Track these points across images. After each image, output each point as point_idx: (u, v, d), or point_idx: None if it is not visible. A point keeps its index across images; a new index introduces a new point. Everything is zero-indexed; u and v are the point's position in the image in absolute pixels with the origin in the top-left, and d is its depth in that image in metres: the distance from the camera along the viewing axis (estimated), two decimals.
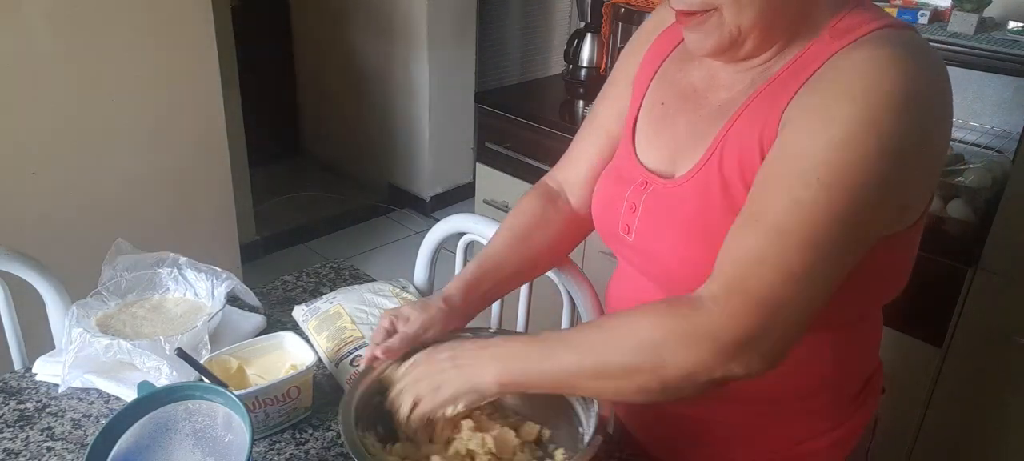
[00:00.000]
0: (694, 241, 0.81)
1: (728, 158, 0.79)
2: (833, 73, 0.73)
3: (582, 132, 1.04)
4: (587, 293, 1.19)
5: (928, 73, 0.71)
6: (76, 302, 1.05)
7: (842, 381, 0.91)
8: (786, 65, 0.78)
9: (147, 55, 2.07)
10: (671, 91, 0.90)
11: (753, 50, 0.79)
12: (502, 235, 1.03)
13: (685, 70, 0.90)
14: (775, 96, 0.77)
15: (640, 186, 0.88)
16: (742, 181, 0.78)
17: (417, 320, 0.93)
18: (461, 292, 0.97)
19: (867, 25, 0.75)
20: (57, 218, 2.00)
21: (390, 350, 0.91)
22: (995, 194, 1.58)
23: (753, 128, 0.77)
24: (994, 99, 1.88)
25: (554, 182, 1.08)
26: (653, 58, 0.95)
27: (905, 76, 0.69)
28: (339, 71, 3.79)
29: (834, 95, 0.71)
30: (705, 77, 0.87)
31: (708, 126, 0.83)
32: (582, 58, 2.50)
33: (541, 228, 1.03)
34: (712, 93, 0.85)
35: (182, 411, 0.83)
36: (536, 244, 1.03)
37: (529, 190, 1.08)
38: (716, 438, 0.93)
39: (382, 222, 3.70)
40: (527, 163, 2.24)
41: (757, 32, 0.76)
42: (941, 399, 1.66)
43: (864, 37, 0.74)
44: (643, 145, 0.92)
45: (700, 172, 0.82)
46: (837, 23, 0.76)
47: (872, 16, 0.76)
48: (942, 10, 1.85)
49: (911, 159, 0.71)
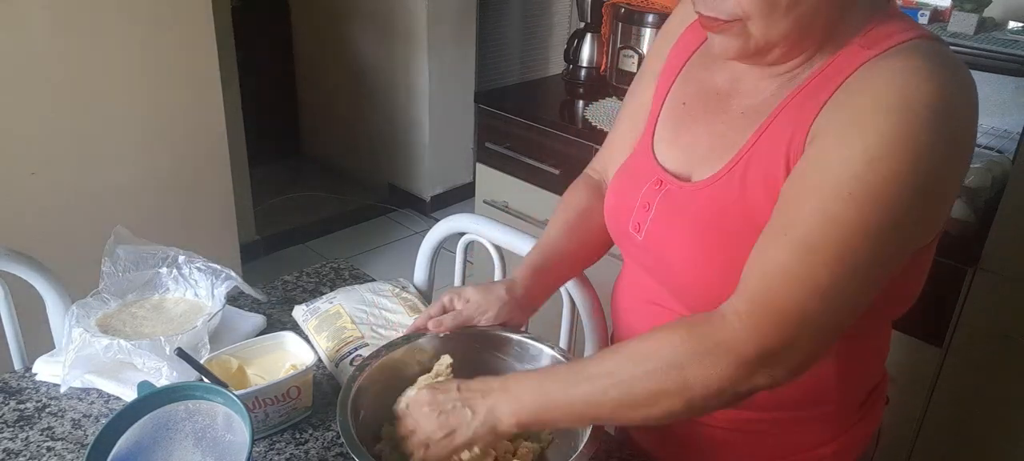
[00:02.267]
0: (704, 247, 0.80)
1: (753, 169, 0.77)
2: (864, 83, 0.71)
3: (617, 122, 1.04)
4: (588, 294, 1.19)
5: (960, 86, 0.70)
6: (76, 302, 1.05)
7: (847, 391, 0.90)
8: (814, 73, 0.76)
9: (147, 55, 2.07)
10: (694, 91, 0.89)
11: (780, 58, 0.77)
12: (557, 227, 1.03)
13: (709, 70, 0.88)
14: (803, 107, 0.75)
15: (655, 185, 0.87)
16: (764, 192, 0.76)
17: (475, 303, 0.93)
18: (526, 281, 0.96)
19: (899, 35, 0.72)
20: (57, 218, 2.00)
21: (440, 324, 0.92)
22: (995, 194, 1.58)
23: (781, 140, 0.76)
24: (994, 99, 1.87)
25: (595, 172, 1.08)
26: (678, 55, 0.93)
27: (940, 89, 0.67)
28: (339, 71, 3.79)
29: (867, 107, 0.69)
30: (729, 80, 0.85)
31: (733, 133, 0.81)
32: (582, 58, 2.50)
33: (592, 216, 1.03)
34: (736, 98, 0.84)
35: (182, 411, 0.83)
36: (590, 232, 1.03)
37: (573, 182, 1.08)
38: (718, 444, 0.93)
39: (382, 222, 3.70)
40: (527, 163, 2.24)
41: (785, 43, 0.75)
42: (941, 399, 1.66)
43: (896, 47, 0.72)
44: (662, 144, 0.90)
45: (722, 179, 0.80)
46: (868, 31, 0.74)
47: (904, 26, 0.74)
48: (942, 10, 1.85)
49: (944, 173, 0.70)
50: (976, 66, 1.70)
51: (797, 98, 0.76)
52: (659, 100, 0.93)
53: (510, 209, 2.31)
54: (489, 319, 0.94)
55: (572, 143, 2.13)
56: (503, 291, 0.95)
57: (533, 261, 0.99)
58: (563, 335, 1.26)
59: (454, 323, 0.92)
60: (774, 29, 0.73)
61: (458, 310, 0.94)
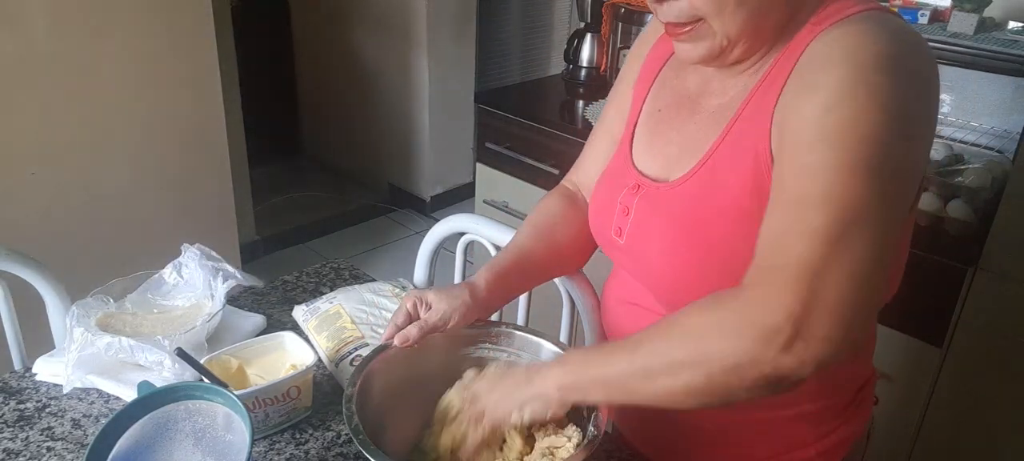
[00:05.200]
0: (681, 243, 0.82)
1: (723, 163, 0.79)
2: (814, 53, 0.73)
3: (593, 135, 1.06)
4: (587, 293, 1.19)
5: (908, 41, 0.71)
6: (76, 302, 1.05)
7: (833, 389, 0.90)
8: (773, 62, 0.78)
9: (147, 55, 2.07)
10: (668, 97, 0.91)
11: (742, 55, 0.79)
12: (526, 231, 1.03)
13: (681, 76, 0.91)
14: (765, 96, 0.77)
15: (633, 189, 0.89)
16: (736, 184, 0.78)
17: (438, 310, 0.93)
18: (488, 283, 0.96)
19: (849, 9, 0.74)
20: (57, 218, 2.00)
21: (406, 338, 0.91)
22: (995, 194, 1.58)
23: (748, 132, 0.78)
24: (994, 99, 1.88)
25: (570, 184, 1.09)
26: (652, 64, 0.95)
27: (888, 41, 0.69)
28: (339, 71, 3.79)
29: (816, 67, 0.71)
30: (699, 83, 0.88)
31: (704, 133, 0.83)
32: (582, 58, 2.50)
33: (564, 224, 1.03)
34: (706, 99, 0.86)
35: (182, 411, 0.83)
36: (561, 239, 1.03)
37: (548, 192, 1.09)
38: (706, 443, 0.93)
39: (382, 222, 3.70)
40: (527, 163, 2.24)
41: (745, 38, 0.77)
42: (941, 399, 1.66)
43: (846, 17, 0.73)
44: (640, 151, 0.92)
45: (694, 177, 0.82)
46: (820, 12, 0.76)
47: (854, 2, 0.75)
48: (942, 10, 1.85)
49: (909, 108, 0.69)
50: (976, 66, 1.70)
51: (760, 89, 0.78)
52: (636, 109, 0.95)
53: (510, 209, 2.32)
54: (454, 325, 0.93)
55: (572, 143, 2.13)
56: (467, 295, 0.94)
57: (498, 264, 0.98)
58: (563, 335, 1.26)
59: (420, 334, 0.91)
60: (730, 23, 0.75)
61: (423, 320, 0.93)
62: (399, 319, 0.93)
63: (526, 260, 1.01)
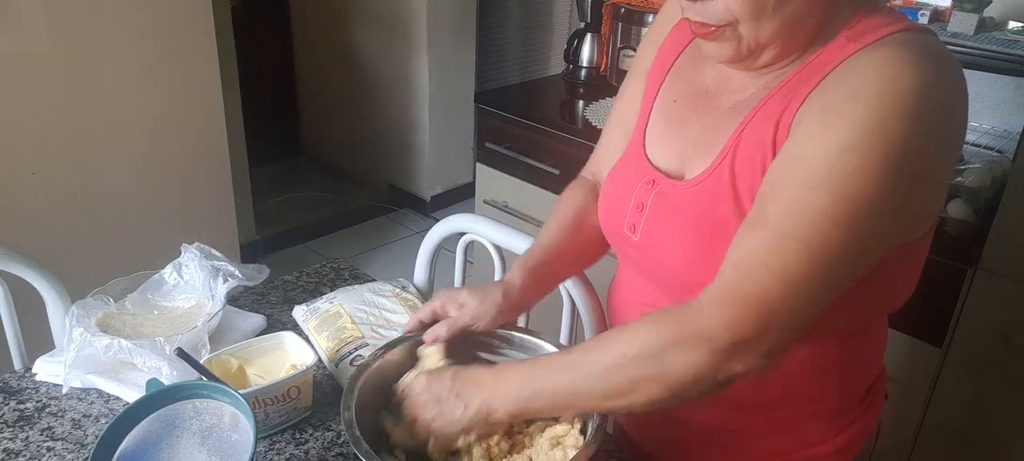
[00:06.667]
0: (701, 245, 0.80)
1: (740, 163, 0.78)
2: (845, 76, 0.71)
3: (608, 124, 1.04)
4: (588, 294, 1.19)
5: (944, 79, 0.69)
6: (76, 302, 1.05)
7: (845, 387, 0.90)
8: (800, 68, 0.76)
9: (147, 55, 2.07)
10: (684, 89, 0.89)
11: (772, 59, 0.78)
12: (554, 227, 1.02)
13: (698, 68, 0.88)
14: (787, 100, 0.75)
15: (648, 184, 0.87)
16: (752, 186, 0.76)
17: (470, 312, 0.92)
18: (523, 283, 0.95)
19: (886, 27, 0.73)
20: (57, 218, 2.00)
21: (435, 336, 0.91)
22: (995, 194, 1.58)
23: (765, 132, 0.76)
24: (994, 99, 1.88)
25: (590, 174, 1.07)
26: (667, 53, 0.93)
27: (919, 81, 0.67)
28: (339, 71, 3.79)
29: (842, 97, 0.69)
30: (718, 78, 0.85)
31: (720, 129, 0.81)
32: (582, 58, 2.50)
33: (588, 216, 1.02)
34: (724, 95, 0.84)
35: (189, 409, 0.83)
36: (587, 231, 1.02)
37: (570, 184, 1.07)
38: (717, 443, 0.93)
39: (382, 222, 3.70)
40: (527, 163, 2.24)
41: (775, 44, 0.75)
42: (941, 399, 1.66)
43: (881, 40, 0.72)
44: (653, 143, 0.90)
45: (711, 176, 0.80)
46: (855, 25, 0.74)
47: (892, 19, 0.74)
48: (942, 10, 1.85)
49: (921, 168, 0.69)
50: (976, 66, 1.70)
51: (782, 91, 0.77)
52: (649, 99, 0.93)
53: (510, 209, 2.32)
54: (484, 326, 0.93)
55: (572, 143, 2.13)
56: (499, 296, 0.93)
57: (529, 261, 0.98)
58: (563, 335, 1.26)
59: (449, 333, 0.91)
60: (764, 30, 0.73)
61: (453, 318, 0.92)
62: (424, 315, 0.93)
63: (556, 257, 1.00)
